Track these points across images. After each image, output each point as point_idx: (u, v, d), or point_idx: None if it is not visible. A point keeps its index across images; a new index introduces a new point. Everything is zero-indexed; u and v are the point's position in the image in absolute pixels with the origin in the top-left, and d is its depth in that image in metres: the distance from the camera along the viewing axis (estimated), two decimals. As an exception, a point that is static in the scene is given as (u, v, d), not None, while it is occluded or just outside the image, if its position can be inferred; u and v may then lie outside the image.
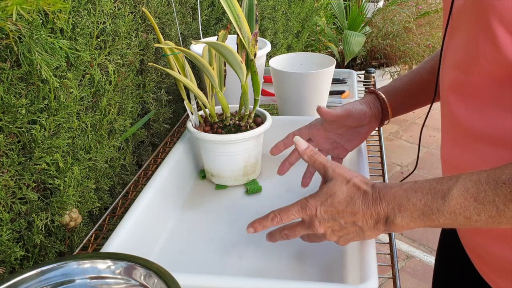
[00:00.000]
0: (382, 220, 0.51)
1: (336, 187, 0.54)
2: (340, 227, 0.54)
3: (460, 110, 0.52)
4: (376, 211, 0.51)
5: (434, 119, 0.98)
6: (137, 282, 0.48)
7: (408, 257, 1.96)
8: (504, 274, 0.54)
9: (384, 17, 3.13)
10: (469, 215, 0.45)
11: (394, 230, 0.52)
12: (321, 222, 0.54)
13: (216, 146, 0.78)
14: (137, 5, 0.88)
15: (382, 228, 0.52)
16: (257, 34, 0.72)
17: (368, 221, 0.52)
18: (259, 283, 0.53)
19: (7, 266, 0.62)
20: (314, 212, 0.54)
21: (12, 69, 0.59)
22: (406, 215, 0.49)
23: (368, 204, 0.51)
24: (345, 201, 0.53)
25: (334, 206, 0.53)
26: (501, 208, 0.43)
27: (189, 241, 0.70)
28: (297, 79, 0.96)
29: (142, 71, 0.94)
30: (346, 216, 0.53)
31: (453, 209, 0.46)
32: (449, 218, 0.46)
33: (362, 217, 0.52)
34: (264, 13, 1.49)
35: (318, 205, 0.54)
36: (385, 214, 0.50)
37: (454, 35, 0.53)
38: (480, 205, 0.44)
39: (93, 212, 0.82)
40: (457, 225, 0.47)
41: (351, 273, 0.60)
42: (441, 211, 0.47)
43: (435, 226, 0.49)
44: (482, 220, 0.45)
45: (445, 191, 0.47)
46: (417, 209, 0.48)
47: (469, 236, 0.60)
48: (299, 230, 0.58)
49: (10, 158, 0.60)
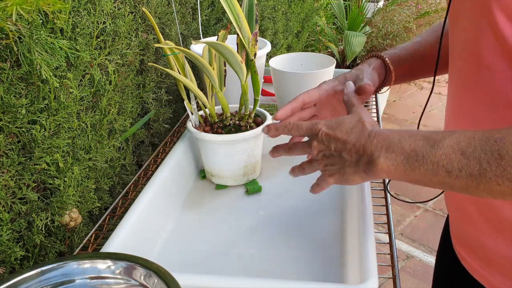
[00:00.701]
0: (366, 158, 0.50)
1: (348, 119, 0.56)
2: (330, 153, 0.55)
3: (465, 101, 0.52)
4: (363, 147, 0.51)
5: (434, 119, 0.98)
6: (137, 282, 0.48)
7: (408, 257, 1.96)
8: (495, 268, 0.54)
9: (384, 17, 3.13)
10: (451, 168, 0.43)
11: (373, 173, 0.50)
12: (319, 143, 0.56)
13: (216, 146, 0.78)
14: (137, 5, 0.88)
15: (362, 167, 0.51)
16: (257, 34, 0.72)
17: (353, 155, 0.52)
18: (259, 283, 0.53)
19: (7, 266, 0.62)
20: (318, 132, 0.56)
21: (12, 69, 0.59)
22: (391, 157, 0.48)
23: (360, 138, 0.52)
24: (346, 131, 0.54)
25: (335, 132, 0.54)
26: (484, 166, 0.41)
27: (189, 241, 0.70)
28: (297, 79, 0.96)
29: (142, 71, 0.94)
30: (339, 144, 0.54)
31: (438, 158, 0.44)
32: (431, 168, 0.45)
33: (349, 149, 0.52)
34: (264, 13, 1.49)
35: (325, 127, 0.56)
36: (370, 152, 0.50)
37: (457, 25, 0.52)
38: (465, 159, 0.43)
39: (93, 212, 0.82)
40: (436, 181, 0.45)
41: (351, 273, 0.60)
42: (425, 158, 0.45)
43: (415, 178, 0.47)
44: (462, 178, 0.43)
45: (438, 140, 0.45)
46: (404, 152, 0.47)
47: (461, 227, 0.60)
48: (302, 145, 0.61)
49: (10, 158, 0.60)
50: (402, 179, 0.49)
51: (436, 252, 0.77)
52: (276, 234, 0.70)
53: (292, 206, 0.77)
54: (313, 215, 0.74)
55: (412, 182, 0.48)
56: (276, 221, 0.73)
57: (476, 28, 0.47)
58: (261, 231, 0.71)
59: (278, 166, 0.89)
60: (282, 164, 0.89)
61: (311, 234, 0.69)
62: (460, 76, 0.52)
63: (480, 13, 0.46)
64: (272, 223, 0.73)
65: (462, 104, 0.53)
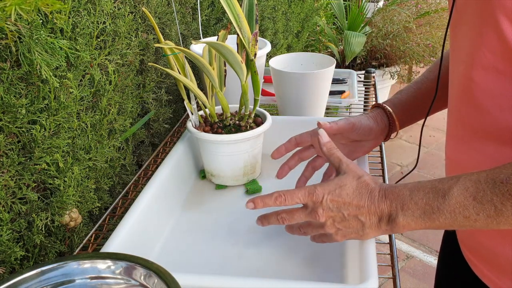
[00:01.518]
0: (385, 218, 0.51)
1: (347, 180, 0.55)
2: (342, 218, 0.54)
3: (465, 107, 0.52)
4: (380, 208, 0.52)
5: (435, 119, 0.98)
6: (137, 282, 0.48)
7: (408, 257, 1.96)
8: (503, 273, 0.54)
9: (384, 17, 3.13)
10: (468, 214, 0.45)
11: (396, 230, 0.52)
12: (325, 210, 0.54)
13: (216, 146, 0.78)
14: (137, 5, 0.88)
15: (384, 228, 0.52)
16: (257, 34, 0.72)
17: (372, 218, 0.52)
18: (259, 283, 0.53)
19: (7, 266, 0.62)
20: (320, 199, 0.54)
21: (12, 69, 0.59)
22: (408, 214, 0.49)
23: (374, 201, 0.52)
24: (353, 194, 0.54)
25: (342, 196, 0.54)
26: (499, 207, 0.44)
27: (189, 241, 0.70)
28: (297, 79, 0.96)
29: (142, 71, 0.94)
30: (351, 209, 0.53)
31: (453, 208, 0.46)
32: (449, 217, 0.47)
33: (366, 212, 0.52)
34: (264, 13, 1.49)
35: (326, 193, 0.54)
36: (388, 212, 0.51)
37: (459, 31, 0.52)
38: (479, 204, 0.45)
39: (93, 212, 0.82)
40: (457, 225, 0.47)
41: (351, 273, 0.60)
42: (441, 210, 0.47)
43: (436, 226, 0.49)
44: (481, 220, 0.45)
45: (446, 190, 0.47)
46: (419, 207, 0.49)
47: (468, 233, 0.60)
48: (299, 215, 0.58)
49: (10, 158, 0.60)
50: (423, 228, 0.50)
51: (436, 252, 0.77)
52: (276, 234, 0.70)
53: (292, 206, 0.77)
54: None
55: (435, 229, 0.50)
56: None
57: (479, 33, 0.47)
58: (261, 231, 0.71)
59: (278, 166, 0.89)
60: (282, 164, 0.89)
61: (311, 234, 0.69)
62: (461, 80, 0.52)
63: (483, 18, 0.46)
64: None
65: (464, 110, 0.53)
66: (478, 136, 0.51)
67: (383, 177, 0.83)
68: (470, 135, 0.52)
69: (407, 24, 3.00)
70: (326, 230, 0.56)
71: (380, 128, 0.73)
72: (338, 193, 0.54)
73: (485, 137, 0.50)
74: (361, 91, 1.26)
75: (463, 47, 0.51)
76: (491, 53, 0.46)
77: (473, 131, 0.52)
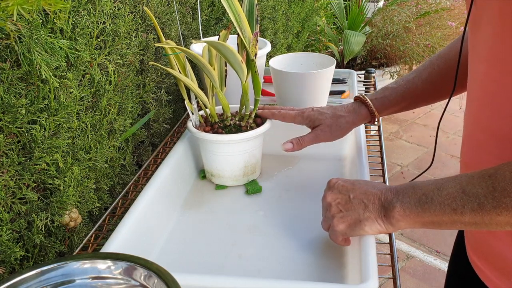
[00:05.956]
0: (386, 204, 0.53)
1: (359, 179, 0.61)
2: (347, 201, 0.57)
3: (486, 110, 0.51)
4: (385, 196, 0.54)
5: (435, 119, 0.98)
6: (137, 283, 0.48)
7: (408, 257, 1.96)
8: (507, 275, 0.54)
9: (384, 17, 3.13)
10: (456, 206, 0.46)
11: (390, 220, 0.53)
12: (333, 192, 0.60)
13: (217, 146, 0.78)
14: (137, 5, 0.88)
15: (383, 213, 0.54)
16: (258, 34, 0.72)
17: (376, 202, 0.55)
18: (259, 283, 0.53)
19: (7, 266, 0.62)
20: (334, 183, 0.61)
21: (12, 69, 0.59)
22: (405, 201, 0.51)
23: (382, 189, 0.56)
24: (365, 184, 0.58)
25: (353, 184, 0.59)
26: (482, 200, 0.44)
27: (189, 241, 0.70)
28: (297, 79, 0.96)
29: (142, 71, 0.94)
30: (358, 192, 0.57)
31: (443, 199, 0.47)
32: (439, 208, 0.48)
33: (372, 197, 0.55)
34: (264, 13, 1.49)
35: (341, 180, 0.61)
36: (390, 199, 0.53)
37: (479, 29, 0.51)
38: (466, 196, 0.46)
39: (93, 212, 0.82)
40: (446, 219, 0.48)
41: (351, 273, 0.60)
42: (433, 200, 0.48)
43: (428, 220, 0.50)
44: (466, 214, 0.46)
45: (444, 183, 0.49)
46: (416, 195, 0.50)
47: (476, 234, 0.59)
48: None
49: (10, 158, 0.60)
50: (417, 224, 0.52)
51: (436, 252, 0.77)
52: (276, 234, 0.70)
53: (292, 206, 0.77)
54: (313, 215, 0.74)
55: (427, 224, 0.51)
56: (276, 221, 0.73)
57: (501, 33, 0.46)
58: (261, 231, 0.71)
59: (278, 166, 0.89)
60: (282, 165, 0.89)
61: (311, 234, 0.69)
62: (483, 81, 0.51)
63: (503, 19, 0.45)
64: (272, 223, 0.73)
65: (484, 113, 0.52)
66: (497, 141, 0.50)
67: (383, 177, 0.83)
68: (489, 139, 0.51)
69: (407, 24, 3.00)
70: (330, 213, 0.59)
71: (362, 117, 0.79)
72: (352, 181, 0.60)
73: (506, 142, 0.48)
74: (361, 91, 1.26)
75: (483, 47, 0.50)
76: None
77: (493, 135, 0.50)
